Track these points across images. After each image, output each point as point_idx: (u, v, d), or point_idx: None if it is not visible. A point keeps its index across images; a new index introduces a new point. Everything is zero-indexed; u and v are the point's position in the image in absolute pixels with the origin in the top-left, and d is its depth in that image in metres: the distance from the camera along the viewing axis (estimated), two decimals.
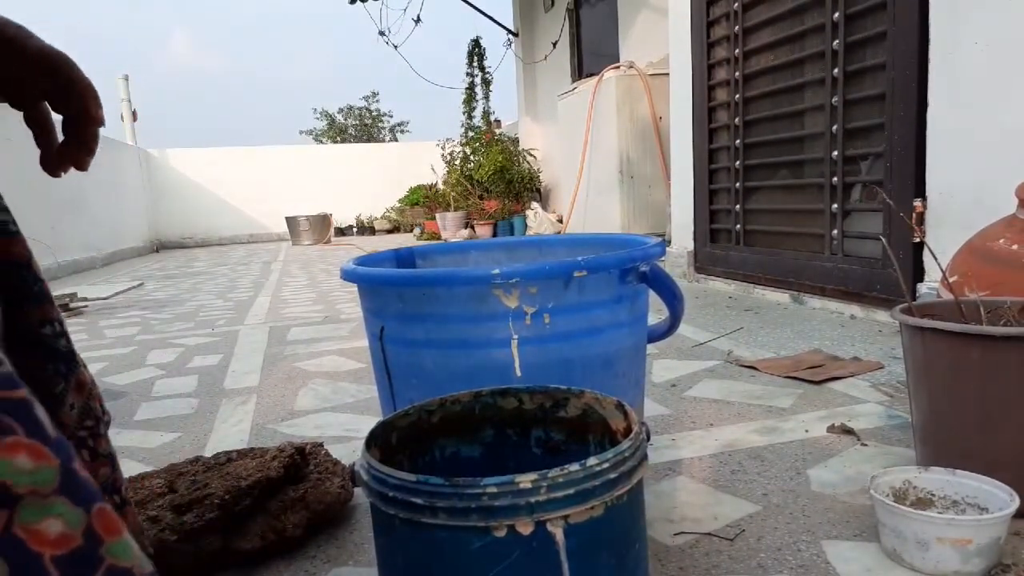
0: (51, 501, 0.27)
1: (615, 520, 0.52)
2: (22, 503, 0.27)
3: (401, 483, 0.49)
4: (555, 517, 0.49)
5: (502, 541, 0.48)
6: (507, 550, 0.48)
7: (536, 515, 0.48)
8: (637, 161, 4.45)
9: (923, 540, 0.79)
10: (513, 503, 0.48)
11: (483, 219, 6.79)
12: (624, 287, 0.80)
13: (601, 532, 0.51)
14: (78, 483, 0.28)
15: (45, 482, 0.28)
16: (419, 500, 0.48)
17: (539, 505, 0.48)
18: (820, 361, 1.71)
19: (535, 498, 0.48)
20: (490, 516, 0.48)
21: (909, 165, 1.99)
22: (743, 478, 1.09)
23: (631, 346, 0.84)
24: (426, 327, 0.78)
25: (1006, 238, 1.19)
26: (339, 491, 0.99)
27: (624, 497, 0.52)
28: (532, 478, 0.48)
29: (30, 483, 0.27)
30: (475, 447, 0.69)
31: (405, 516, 0.49)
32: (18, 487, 0.27)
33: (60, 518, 0.27)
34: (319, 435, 1.40)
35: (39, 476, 0.27)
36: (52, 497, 0.28)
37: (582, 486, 0.49)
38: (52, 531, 0.27)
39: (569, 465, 0.49)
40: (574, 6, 6.33)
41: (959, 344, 0.90)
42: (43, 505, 0.27)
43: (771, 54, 2.65)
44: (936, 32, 1.90)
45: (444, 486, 0.48)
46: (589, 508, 0.49)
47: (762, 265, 2.73)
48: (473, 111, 8.25)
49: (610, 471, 0.51)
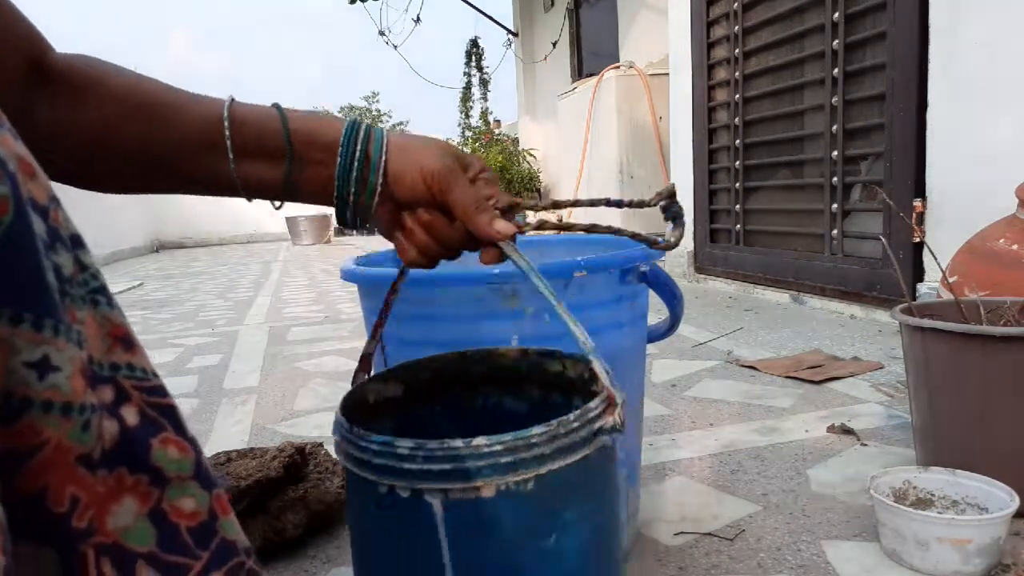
0: (188, 484, 0.35)
1: (513, 509, 0.48)
2: (170, 485, 0.35)
3: (345, 433, 0.52)
4: (433, 488, 0.48)
5: (385, 498, 0.49)
6: (390, 509, 0.50)
7: (412, 482, 0.48)
8: (637, 161, 4.45)
9: (923, 540, 0.79)
10: (390, 464, 0.48)
11: None
12: (624, 287, 0.80)
13: (488, 518, 0.48)
14: (205, 472, 0.37)
15: (185, 469, 0.36)
16: (350, 450, 0.51)
17: (415, 473, 0.48)
18: (820, 361, 1.71)
19: (411, 465, 0.48)
20: (377, 472, 0.49)
21: (909, 165, 1.99)
22: (743, 478, 1.09)
23: (631, 346, 0.84)
24: (426, 327, 0.78)
25: (1006, 238, 1.19)
26: (339, 491, 0.99)
27: (527, 485, 0.48)
28: (410, 445, 0.48)
29: (176, 469, 0.35)
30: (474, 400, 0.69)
31: (342, 461, 0.53)
32: (168, 472, 0.35)
33: (193, 498, 0.36)
34: (319, 435, 1.40)
35: (182, 464, 0.35)
36: (188, 481, 0.36)
37: (462, 464, 0.47)
38: (187, 507, 0.35)
39: (453, 441, 0.47)
40: (574, 6, 6.33)
41: (959, 344, 0.90)
42: (183, 487, 0.35)
43: (771, 54, 2.65)
44: (936, 32, 1.90)
45: (348, 432, 0.51)
46: (474, 488, 0.47)
47: (762, 265, 2.73)
48: (470, 111, 8.26)
49: (503, 454, 0.47)
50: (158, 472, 0.34)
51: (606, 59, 5.35)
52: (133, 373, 0.35)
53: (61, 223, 0.33)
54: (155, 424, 0.35)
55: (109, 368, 0.34)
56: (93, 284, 0.35)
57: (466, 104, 8.24)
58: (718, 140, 3.02)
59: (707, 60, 3.01)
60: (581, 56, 6.40)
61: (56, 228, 0.33)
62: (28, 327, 0.29)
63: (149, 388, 0.36)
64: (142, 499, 0.34)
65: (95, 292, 0.35)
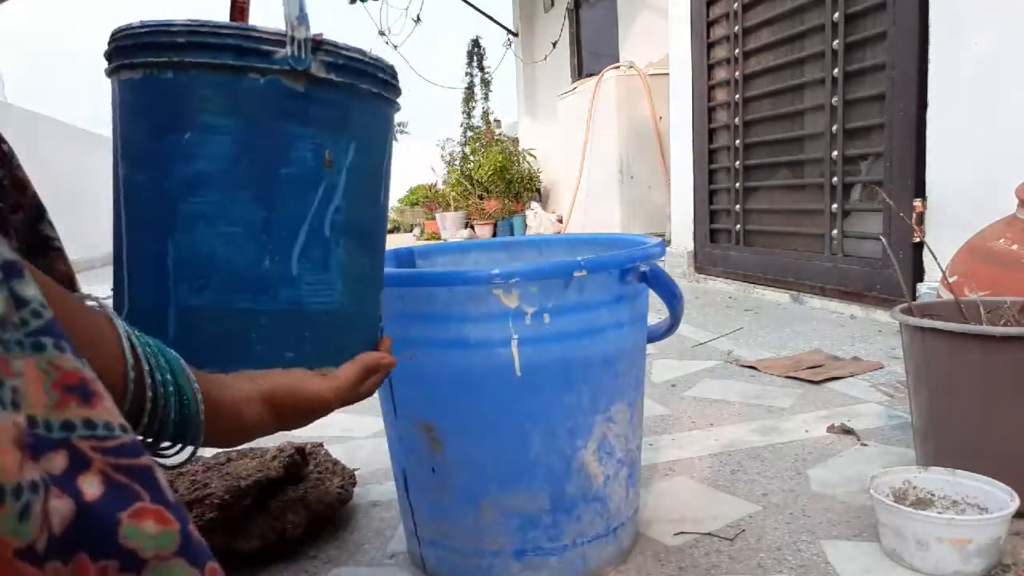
0: (171, 564, 0.30)
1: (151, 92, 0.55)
2: (147, 567, 0.29)
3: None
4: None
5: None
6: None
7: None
8: (637, 161, 4.45)
9: (923, 540, 0.79)
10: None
11: (483, 219, 6.79)
12: (624, 287, 0.80)
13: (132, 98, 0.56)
14: (193, 545, 0.31)
15: (166, 545, 0.30)
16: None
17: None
18: (820, 361, 1.71)
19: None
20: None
21: (909, 165, 1.99)
22: (743, 478, 1.09)
23: (631, 346, 0.84)
24: (426, 327, 0.78)
25: (1006, 238, 1.19)
26: (339, 491, 0.99)
27: (167, 72, 0.54)
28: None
29: (155, 547, 0.29)
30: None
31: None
32: (145, 552, 0.29)
33: None
34: (319, 435, 1.40)
35: (162, 540, 0.30)
36: (172, 559, 0.30)
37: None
38: None
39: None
40: (574, 6, 6.33)
41: (959, 344, 0.90)
42: (165, 568, 0.29)
43: (771, 54, 2.65)
44: (936, 32, 1.90)
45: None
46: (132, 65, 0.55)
47: (762, 265, 2.73)
48: (472, 111, 8.25)
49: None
50: (131, 554, 0.28)
51: (606, 59, 5.35)
52: (93, 431, 0.29)
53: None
54: (125, 492, 0.29)
55: (60, 428, 0.28)
56: (35, 323, 0.28)
57: (468, 104, 8.24)
58: (718, 140, 3.02)
59: (707, 60, 3.01)
60: (581, 56, 6.40)
61: None
62: None
63: (116, 448, 0.29)
64: None
65: (38, 333, 0.28)
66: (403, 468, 0.86)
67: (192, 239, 0.54)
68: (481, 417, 0.78)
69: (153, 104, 0.55)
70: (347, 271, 0.60)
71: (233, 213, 0.54)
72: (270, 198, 0.55)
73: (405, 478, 0.86)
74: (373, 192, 0.63)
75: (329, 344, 0.59)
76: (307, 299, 0.57)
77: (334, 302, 0.59)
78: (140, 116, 0.55)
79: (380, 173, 0.63)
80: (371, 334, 0.65)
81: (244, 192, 0.55)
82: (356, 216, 0.60)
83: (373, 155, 0.62)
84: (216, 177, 0.54)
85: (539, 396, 0.77)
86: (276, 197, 0.55)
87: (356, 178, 0.59)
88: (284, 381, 0.54)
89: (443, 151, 7.80)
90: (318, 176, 0.57)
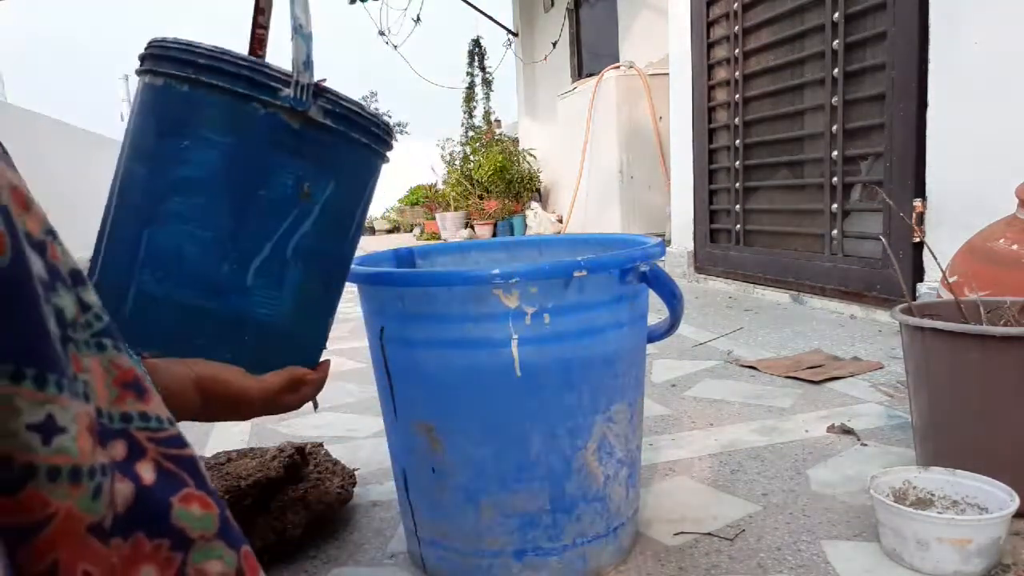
0: (213, 544, 0.33)
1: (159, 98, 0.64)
2: (194, 547, 0.32)
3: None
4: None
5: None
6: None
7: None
8: (637, 161, 4.45)
9: (923, 540, 0.79)
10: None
11: (483, 219, 6.79)
12: (624, 287, 0.80)
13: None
14: (231, 528, 0.34)
15: (209, 527, 0.33)
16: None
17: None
18: (820, 361, 1.71)
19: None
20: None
21: (909, 165, 1.99)
22: (743, 478, 1.09)
23: (631, 346, 0.84)
24: (426, 327, 0.78)
25: (1006, 238, 1.19)
26: (339, 491, 0.99)
27: (182, 86, 0.61)
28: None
29: (201, 528, 0.32)
30: None
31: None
32: (192, 532, 0.32)
33: (220, 560, 0.33)
34: (319, 435, 1.40)
35: (206, 522, 0.33)
36: (214, 540, 0.33)
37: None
38: (214, 570, 0.32)
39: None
40: (574, 6, 6.33)
41: (959, 344, 0.90)
42: (208, 548, 0.32)
43: (771, 54, 2.65)
44: (936, 32, 1.90)
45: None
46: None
47: (762, 265, 2.73)
48: (473, 111, 8.25)
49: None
50: (180, 533, 0.31)
51: (606, 59, 5.35)
52: (147, 423, 0.32)
53: (60, 259, 0.30)
54: (174, 479, 0.32)
55: (120, 420, 0.31)
56: (97, 326, 0.31)
57: (469, 104, 8.23)
58: (718, 140, 3.02)
59: (707, 60, 3.01)
60: (581, 56, 6.40)
61: (55, 265, 0.29)
62: (30, 384, 0.26)
63: (165, 439, 0.33)
64: (163, 566, 0.31)
65: (100, 335, 0.31)
66: (403, 468, 0.86)
67: (165, 233, 0.60)
68: (481, 417, 0.78)
69: (164, 109, 0.61)
70: (300, 293, 0.65)
71: (207, 219, 0.60)
72: (243, 213, 0.61)
73: (405, 478, 0.86)
74: (343, 229, 0.69)
75: (267, 353, 0.64)
76: (254, 309, 0.62)
77: (280, 317, 0.64)
78: (151, 117, 0.62)
79: (354, 214, 0.69)
80: (311, 355, 0.71)
81: (222, 202, 0.60)
82: (321, 246, 0.66)
83: (350, 196, 0.68)
84: (200, 184, 0.60)
85: (539, 396, 0.77)
86: (249, 213, 0.61)
87: (329, 213, 0.65)
88: (216, 372, 0.58)
89: (443, 151, 7.79)
90: (293, 203, 0.63)
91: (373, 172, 0.71)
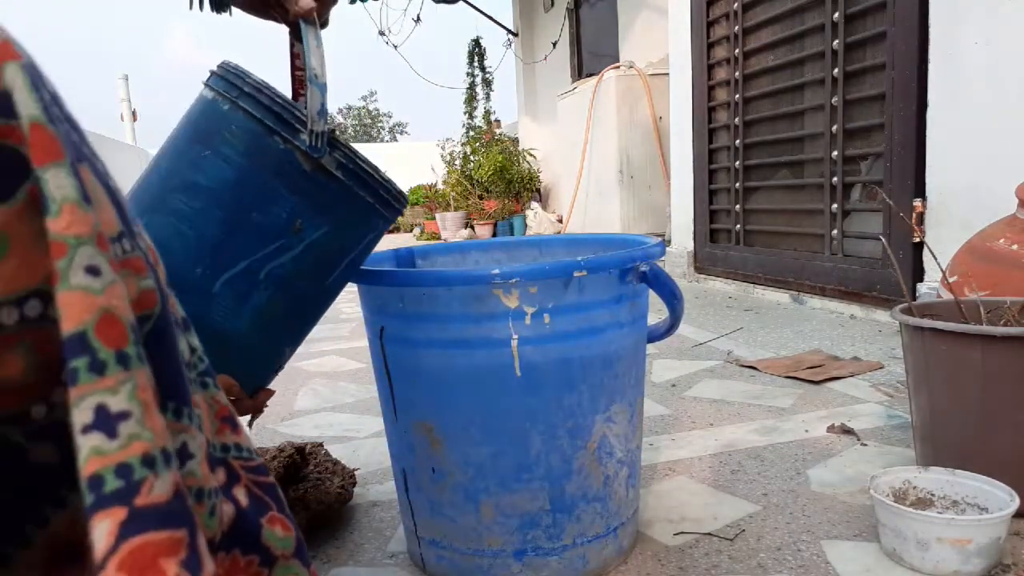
0: (291, 563, 0.36)
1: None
2: (277, 564, 0.36)
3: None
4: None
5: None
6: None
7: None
8: (637, 161, 4.45)
9: (923, 540, 0.79)
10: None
11: (483, 219, 6.79)
12: (624, 287, 0.80)
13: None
14: (303, 549, 0.38)
15: (288, 547, 0.36)
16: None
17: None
18: (820, 361, 1.71)
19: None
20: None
21: (909, 165, 1.99)
22: (743, 478, 1.09)
23: (631, 346, 0.84)
24: (426, 327, 0.78)
25: (1006, 238, 1.19)
26: (339, 491, 0.99)
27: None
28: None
29: (282, 548, 0.36)
30: None
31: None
32: (275, 550, 0.36)
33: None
34: (319, 435, 1.40)
35: (287, 542, 0.36)
36: (291, 559, 0.36)
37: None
38: None
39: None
40: (574, 6, 6.33)
41: (959, 344, 0.90)
42: (287, 566, 0.36)
43: (771, 54, 2.65)
44: (936, 32, 1.90)
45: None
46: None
47: (762, 265, 2.73)
48: (474, 111, 8.25)
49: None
50: (267, 551, 0.35)
51: (606, 59, 5.35)
52: (240, 454, 0.36)
53: (175, 308, 0.34)
54: (262, 503, 0.36)
55: (220, 450, 0.35)
56: (201, 367, 0.35)
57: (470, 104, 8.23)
58: (718, 140, 3.02)
59: (707, 60, 3.01)
60: (581, 56, 6.40)
61: (175, 313, 0.33)
62: (171, 416, 0.29)
63: (254, 467, 0.36)
64: None
65: (204, 374, 0.35)
66: (403, 468, 0.86)
67: (160, 223, 0.65)
68: (481, 417, 0.78)
69: (202, 119, 0.68)
70: (260, 315, 0.69)
71: (197, 222, 0.66)
72: (232, 227, 0.66)
73: (405, 478, 0.86)
74: (323, 271, 0.72)
75: (211, 357, 0.68)
76: (212, 314, 0.66)
77: (233, 331, 0.68)
78: (192, 123, 0.69)
79: (339, 261, 0.73)
80: (257, 377, 0.74)
81: (216, 212, 0.66)
82: (296, 281, 0.70)
83: (341, 244, 0.72)
84: (205, 192, 0.66)
85: (539, 396, 0.77)
86: (237, 229, 0.66)
87: (313, 253, 0.70)
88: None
89: (443, 151, 7.79)
90: (280, 234, 0.68)
91: (372, 229, 0.75)
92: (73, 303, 0.26)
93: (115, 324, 0.26)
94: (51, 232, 0.26)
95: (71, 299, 0.26)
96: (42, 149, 0.26)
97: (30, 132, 0.26)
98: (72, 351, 0.26)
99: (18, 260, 0.27)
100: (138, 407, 0.26)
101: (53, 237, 0.26)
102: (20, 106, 0.26)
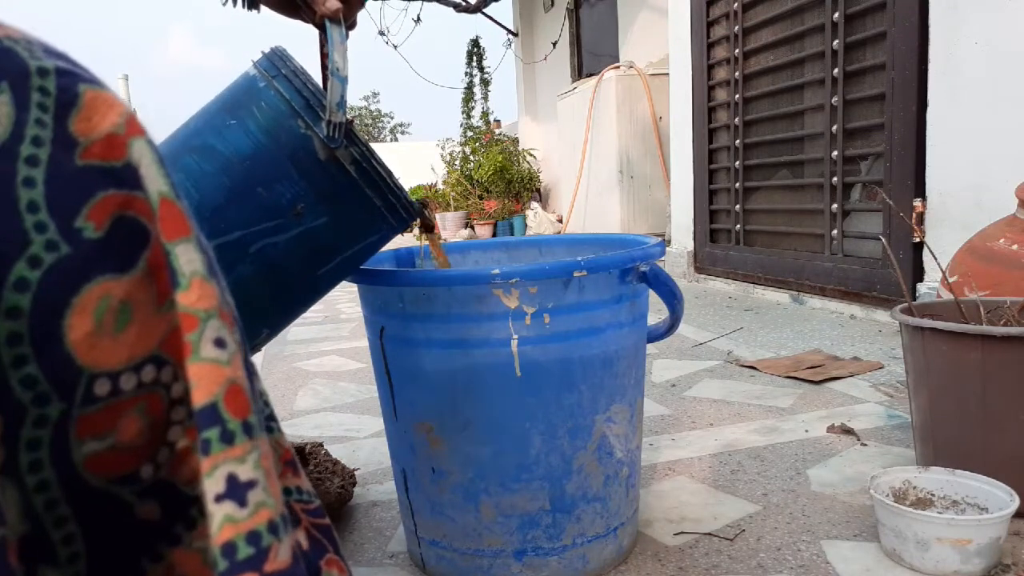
0: None
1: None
2: None
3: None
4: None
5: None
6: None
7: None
8: (637, 161, 4.45)
9: (923, 540, 0.79)
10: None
11: (483, 219, 6.79)
12: (624, 287, 0.80)
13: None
14: None
15: None
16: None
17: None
18: (820, 361, 1.71)
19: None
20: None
21: (909, 165, 1.99)
22: (743, 478, 1.09)
23: (631, 346, 0.84)
24: (426, 327, 0.78)
25: (1006, 238, 1.19)
26: (339, 491, 0.99)
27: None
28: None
29: None
30: None
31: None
32: None
33: None
34: (319, 435, 1.40)
35: None
36: None
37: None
38: None
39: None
40: (574, 6, 6.33)
41: (959, 344, 0.90)
42: None
43: (771, 54, 2.65)
44: (936, 32, 1.90)
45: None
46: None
47: (762, 265, 2.73)
48: (472, 111, 8.25)
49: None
50: None
51: (606, 59, 5.35)
52: (301, 496, 0.37)
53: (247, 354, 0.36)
54: (320, 546, 0.37)
55: (283, 492, 0.35)
56: (266, 411, 0.35)
57: (468, 104, 8.23)
58: (718, 140, 3.02)
59: (707, 60, 3.01)
60: (581, 56, 6.39)
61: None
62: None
63: (313, 510, 0.37)
64: None
65: (269, 419, 0.36)
66: (403, 468, 0.86)
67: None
68: (481, 417, 0.78)
69: (238, 92, 0.70)
70: (241, 288, 0.68)
71: (203, 184, 0.67)
72: (235, 196, 0.68)
73: (405, 478, 0.86)
74: (315, 261, 0.73)
75: None
76: None
77: None
78: (229, 92, 0.72)
79: (333, 255, 0.74)
80: None
81: (225, 179, 0.67)
82: (285, 263, 0.71)
83: (339, 238, 0.73)
84: (219, 157, 0.68)
85: (539, 396, 0.77)
86: (239, 200, 0.68)
87: (309, 240, 0.71)
88: None
89: (443, 151, 7.79)
90: (281, 213, 0.69)
91: (375, 232, 0.76)
92: (204, 375, 0.27)
93: (240, 394, 0.28)
94: (181, 305, 0.27)
95: (202, 371, 0.27)
96: (172, 224, 0.28)
97: (159, 206, 0.28)
98: (204, 422, 0.27)
99: (139, 328, 0.28)
100: (262, 475, 0.28)
101: (183, 310, 0.27)
102: (148, 180, 0.28)
